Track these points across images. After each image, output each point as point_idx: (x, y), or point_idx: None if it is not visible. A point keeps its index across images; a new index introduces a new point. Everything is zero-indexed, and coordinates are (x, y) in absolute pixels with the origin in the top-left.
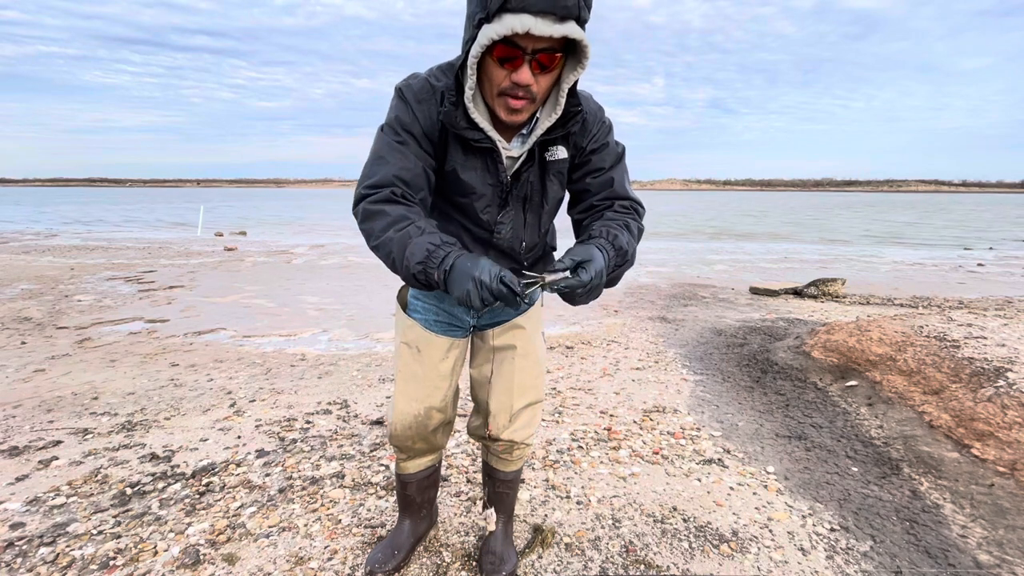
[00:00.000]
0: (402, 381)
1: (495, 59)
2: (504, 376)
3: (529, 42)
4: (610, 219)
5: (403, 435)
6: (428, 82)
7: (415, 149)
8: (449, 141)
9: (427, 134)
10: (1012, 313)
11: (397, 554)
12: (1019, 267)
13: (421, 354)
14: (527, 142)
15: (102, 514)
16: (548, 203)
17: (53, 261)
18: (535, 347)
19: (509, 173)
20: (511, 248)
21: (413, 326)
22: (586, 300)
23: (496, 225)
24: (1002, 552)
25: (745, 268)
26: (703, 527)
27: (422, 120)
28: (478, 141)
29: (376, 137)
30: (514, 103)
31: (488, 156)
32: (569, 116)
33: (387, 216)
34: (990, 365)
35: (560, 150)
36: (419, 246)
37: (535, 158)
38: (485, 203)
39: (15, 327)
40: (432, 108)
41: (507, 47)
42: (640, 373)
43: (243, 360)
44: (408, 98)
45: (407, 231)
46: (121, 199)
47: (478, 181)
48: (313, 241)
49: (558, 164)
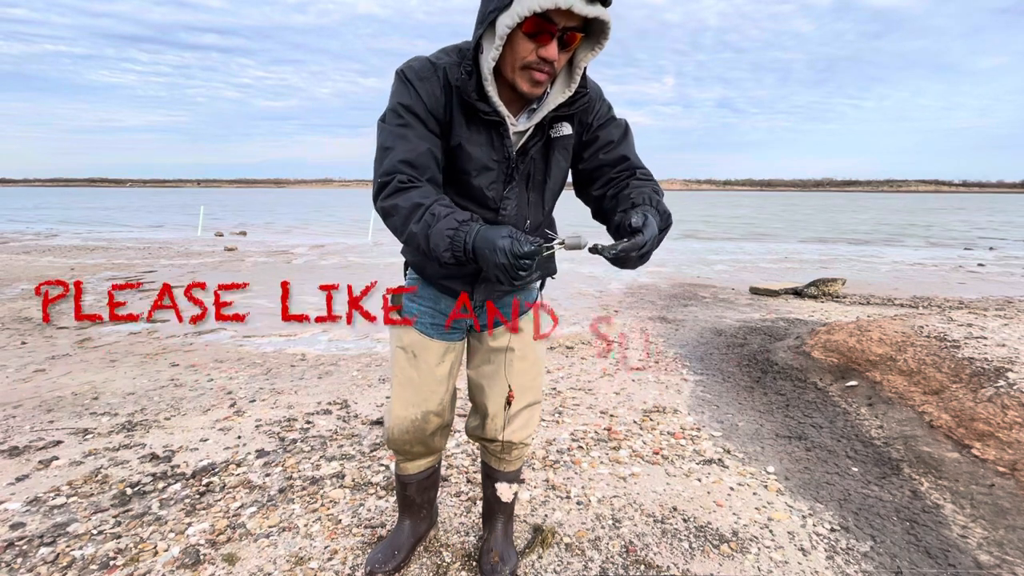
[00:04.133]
0: (398, 386)
1: (524, 32)
2: (502, 378)
3: (562, 19)
4: (640, 187)
5: (401, 440)
6: (429, 61)
7: (419, 131)
8: (454, 115)
9: (431, 111)
10: (1012, 313)
11: (397, 554)
12: (1019, 267)
13: (417, 359)
14: (533, 117)
15: (102, 514)
16: (551, 180)
17: (53, 261)
18: (533, 348)
19: (515, 148)
20: (515, 227)
21: (409, 330)
22: (637, 264)
23: (502, 201)
24: (1002, 552)
25: (745, 268)
26: (703, 527)
27: (425, 98)
28: (487, 114)
29: (379, 129)
30: (538, 76)
31: (494, 130)
32: (579, 95)
33: (401, 210)
34: (990, 365)
35: (565, 126)
36: (439, 235)
37: (542, 134)
38: (491, 179)
39: (15, 327)
40: (435, 85)
41: (540, 21)
42: (640, 373)
43: (243, 360)
44: (410, 78)
45: (424, 221)
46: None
47: (484, 155)
48: (313, 241)
49: (563, 140)
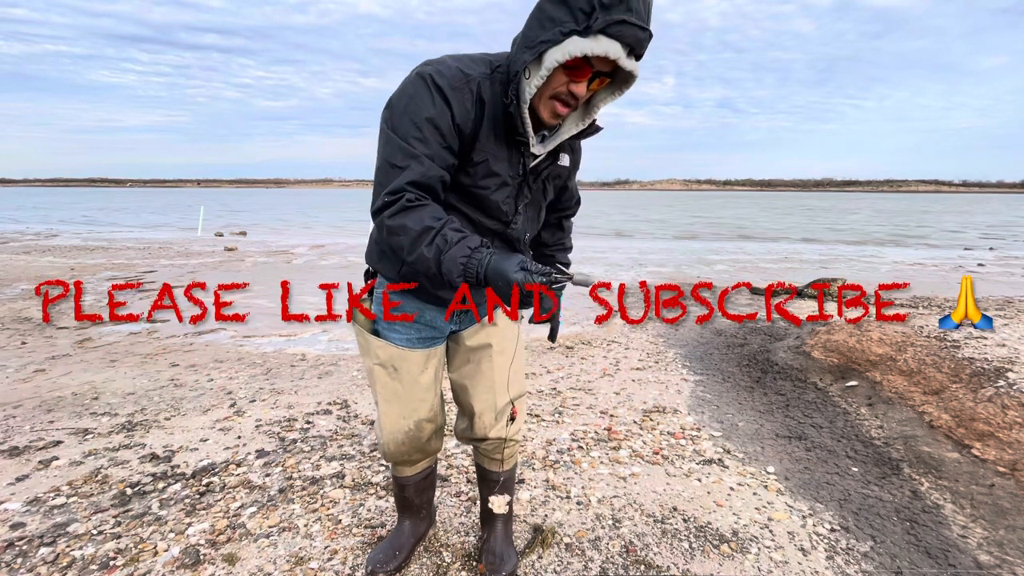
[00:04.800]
0: (384, 402)
1: (563, 67)
2: (484, 375)
3: (600, 64)
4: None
5: (397, 452)
6: (461, 71)
7: (434, 148)
8: (483, 130)
9: (459, 124)
10: (1012, 313)
11: (398, 554)
12: (1019, 267)
13: (399, 371)
14: (547, 143)
15: (102, 514)
16: (546, 200)
17: (53, 261)
18: (509, 341)
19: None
20: (518, 239)
21: (384, 346)
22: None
23: (515, 216)
24: (1002, 552)
25: (745, 268)
26: (703, 527)
27: (456, 109)
28: (520, 136)
29: (385, 137)
30: (561, 109)
31: (515, 149)
32: (590, 131)
33: (411, 231)
34: (990, 365)
35: (565, 157)
36: (452, 262)
37: (552, 159)
38: (507, 194)
39: (15, 327)
40: (467, 98)
41: (581, 61)
42: (640, 373)
43: (243, 360)
44: (441, 86)
45: (436, 245)
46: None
47: (505, 171)
48: (313, 241)
49: (560, 169)
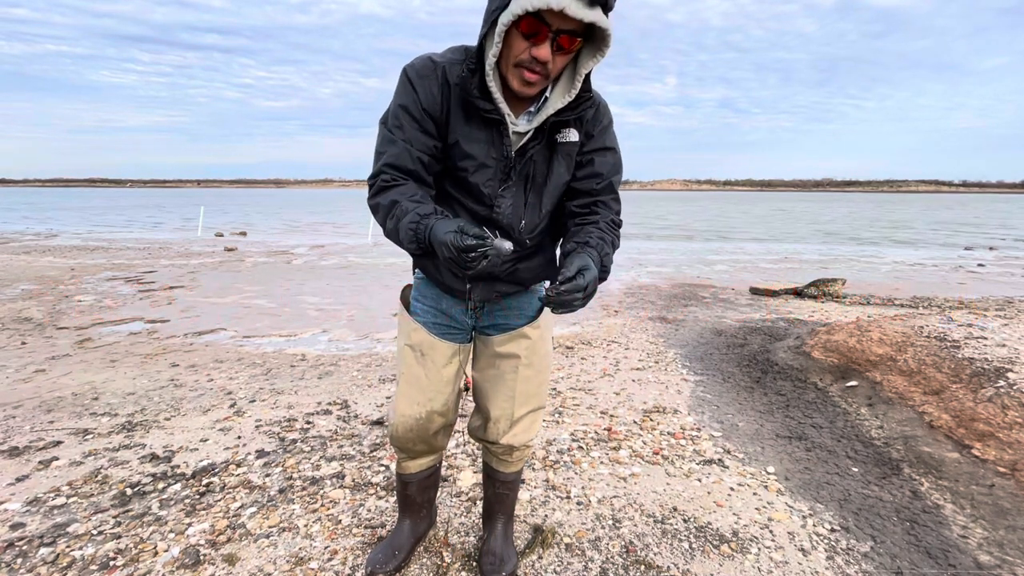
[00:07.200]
0: (404, 384)
1: (520, 31)
2: (507, 384)
3: (556, 21)
4: (602, 236)
5: (404, 437)
6: (430, 59)
7: (410, 132)
8: (452, 113)
9: (427, 110)
10: (1012, 313)
11: (398, 554)
12: (1019, 267)
13: (425, 358)
14: (534, 120)
15: (102, 514)
16: (551, 184)
17: (53, 261)
18: (539, 356)
19: (514, 149)
20: (510, 226)
21: (418, 329)
22: (570, 309)
23: (497, 199)
24: (1003, 552)
25: (745, 268)
26: (703, 527)
27: (422, 96)
28: (488, 112)
29: (379, 130)
30: (529, 76)
31: (495, 128)
32: (581, 101)
33: (382, 208)
34: (990, 365)
35: (572, 132)
36: (404, 229)
37: (543, 137)
38: (487, 176)
39: (15, 327)
40: (432, 83)
41: (535, 21)
42: (640, 373)
43: (243, 360)
44: (411, 76)
45: (395, 215)
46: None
47: (482, 153)
48: (313, 241)
49: (568, 146)
